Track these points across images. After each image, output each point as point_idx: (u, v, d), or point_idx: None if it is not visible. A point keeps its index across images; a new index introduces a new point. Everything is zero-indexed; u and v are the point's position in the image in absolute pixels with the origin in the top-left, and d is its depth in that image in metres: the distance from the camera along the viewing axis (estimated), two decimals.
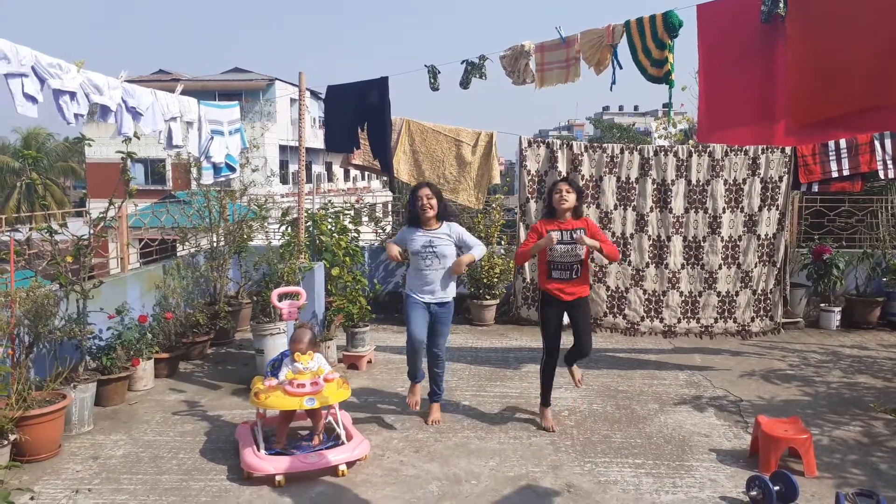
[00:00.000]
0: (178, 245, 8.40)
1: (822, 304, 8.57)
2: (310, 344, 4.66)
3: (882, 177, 7.26)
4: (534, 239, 5.03)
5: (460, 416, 5.40)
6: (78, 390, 5.00)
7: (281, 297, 5.24)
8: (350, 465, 4.40)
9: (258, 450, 4.39)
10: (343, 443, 4.51)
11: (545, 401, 5.24)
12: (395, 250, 4.98)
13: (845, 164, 7.16)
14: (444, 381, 5.36)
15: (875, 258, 8.63)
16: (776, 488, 3.84)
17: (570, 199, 4.97)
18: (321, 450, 4.43)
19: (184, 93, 6.66)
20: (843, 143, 7.11)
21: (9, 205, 36.83)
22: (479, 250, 5.10)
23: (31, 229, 6.04)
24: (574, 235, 4.88)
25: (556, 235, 4.84)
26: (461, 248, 5.11)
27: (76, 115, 5.02)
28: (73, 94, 4.97)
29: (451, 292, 5.12)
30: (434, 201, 5.00)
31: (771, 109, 4.76)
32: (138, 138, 5.77)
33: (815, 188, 7.37)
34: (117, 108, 5.55)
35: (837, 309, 8.46)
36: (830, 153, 7.13)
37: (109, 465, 4.49)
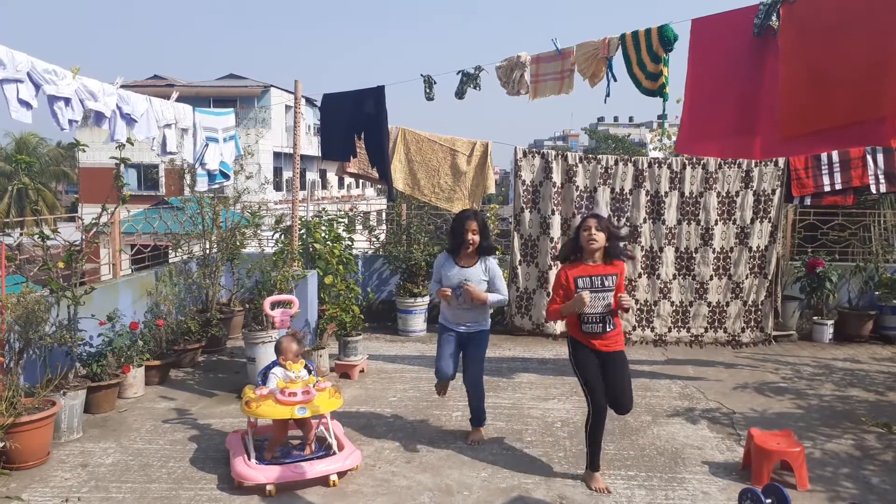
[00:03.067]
0: (170, 251, 8.36)
1: (815, 317, 8.60)
2: (297, 352, 4.64)
3: (874, 191, 7.30)
4: (560, 295, 4.34)
5: (453, 426, 5.38)
6: (68, 397, 4.96)
7: (274, 306, 5.22)
8: (341, 475, 4.37)
9: (249, 459, 4.36)
10: (334, 452, 4.48)
11: (594, 465, 4.41)
12: (447, 293, 4.85)
13: (838, 178, 7.20)
14: (483, 409, 5.16)
15: (868, 272, 8.68)
16: (768, 501, 3.82)
17: (600, 238, 4.26)
18: (312, 459, 4.41)
19: (178, 99, 6.65)
20: (835, 157, 7.16)
21: None
22: (500, 299, 4.95)
23: (21, 234, 6.01)
24: (604, 300, 4.24)
25: (587, 297, 4.14)
26: (490, 286, 4.92)
27: (70, 121, 5.00)
28: (67, 100, 4.95)
29: (485, 322, 5.03)
30: (477, 237, 4.84)
31: (752, 123, 4.78)
32: (132, 144, 5.76)
33: (808, 201, 7.41)
34: (112, 115, 5.53)
35: (830, 322, 8.49)
36: (823, 167, 7.18)
37: (98, 474, 4.45)
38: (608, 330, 4.29)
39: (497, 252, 9.11)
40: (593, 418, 4.31)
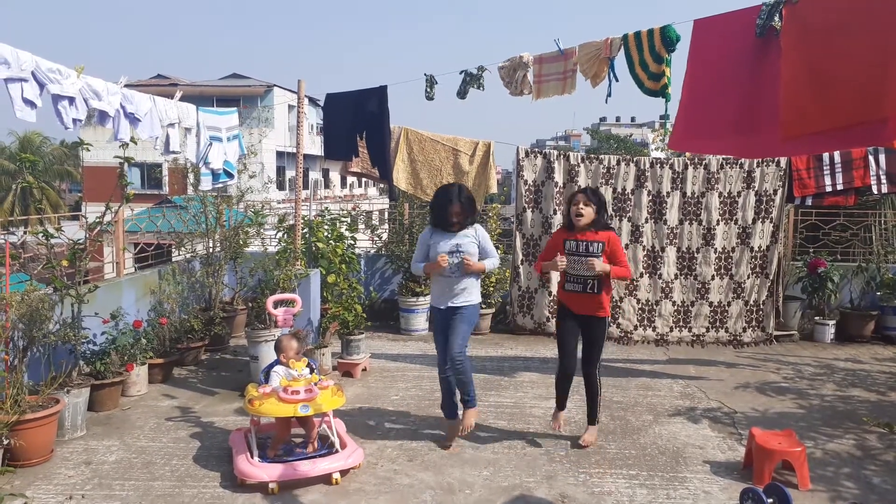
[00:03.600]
0: (173, 250, 8.39)
1: (816, 318, 8.60)
2: (298, 350, 4.66)
3: (875, 192, 7.31)
4: (551, 250, 4.93)
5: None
6: (71, 395, 4.98)
7: (276, 304, 5.24)
8: (344, 473, 4.39)
9: (252, 457, 4.38)
10: (337, 451, 4.50)
11: (560, 405, 5.11)
12: (444, 259, 4.79)
13: (839, 178, 7.21)
14: (472, 391, 5.00)
15: (869, 272, 8.68)
16: (769, 501, 3.84)
17: (587, 212, 4.74)
18: (315, 457, 4.42)
19: (182, 98, 6.68)
20: (837, 157, 7.16)
21: (2, 207, 36.70)
22: (494, 262, 5.03)
23: (25, 232, 6.04)
24: (585, 264, 4.70)
25: (559, 259, 4.70)
26: (481, 251, 4.99)
27: (74, 121, 5.02)
28: (72, 100, 4.98)
29: (475, 296, 4.98)
30: (462, 216, 4.88)
31: (753, 122, 4.78)
32: (136, 143, 5.78)
33: (809, 202, 7.41)
34: (115, 114, 5.56)
35: (832, 322, 8.49)
36: (825, 167, 7.18)
37: (102, 471, 4.48)
38: (587, 291, 4.75)
39: (499, 251, 9.18)
40: (558, 374, 5.01)
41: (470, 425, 5.01)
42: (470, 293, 4.95)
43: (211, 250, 8.00)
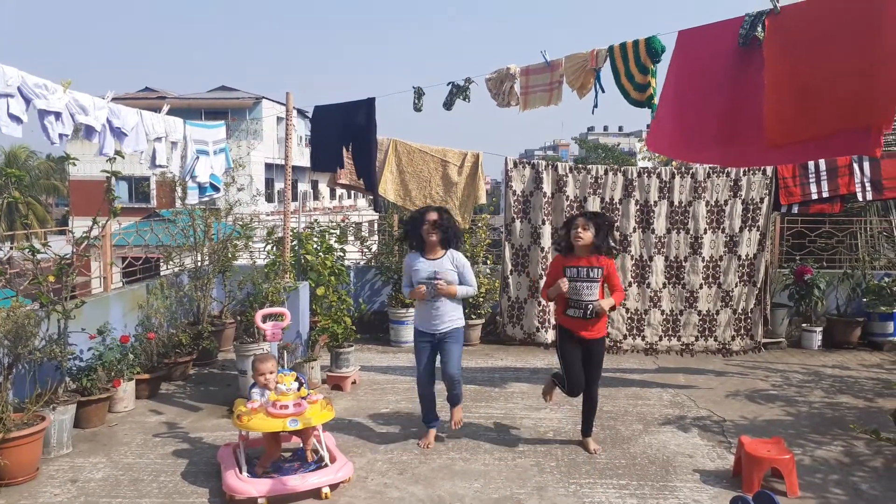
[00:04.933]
0: (161, 264, 8.35)
1: (803, 325, 8.65)
2: (272, 371, 4.61)
3: (860, 199, 7.38)
4: (552, 276, 4.99)
5: (445, 437, 5.38)
6: (57, 412, 4.93)
7: (265, 318, 5.22)
8: (333, 487, 4.37)
9: (241, 472, 4.34)
10: (326, 465, 4.47)
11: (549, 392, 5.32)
12: (422, 290, 4.92)
13: (825, 186, 7.28)
14: (461, 394, 5.25)
15: (855, 279, 8.75)
16: None
17: (586, 236, 4.81)
18: (304, 472, 4.40)
19: (170, 111, 6.66)
20: (822, 165, 7.23)
21: None
22: (469, 290, 5.13)
23: (11, 248, 5.99)
24: (586, 289, 4.78)
25: (564, 284, 4.74)
26: (460, 279, 5.10)
27: (61, 136, 4.99)
28: (58, 115, 4.95)
29: (459, 320, 5.11)
30: (437, 232, 4.98)
31: (737, 132, 4.83)
32: (123, 157, 5.76)
33: (795, 209, 7.48)
34: (102, 129, 5.53)
35: (819, 329, 8.55)
36: (811, 175, 7.25)
37: (88, 489, 4.43)
38: (588, 317, 4.82)
39: (489, 262, 9.20)
40: (568, 392, 5.04)
41: (460, 420, 5.23)
42: (454, 318, 5.08)
43: (199, 264, 7.96)
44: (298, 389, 4.52)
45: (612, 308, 4.92)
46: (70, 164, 5.74)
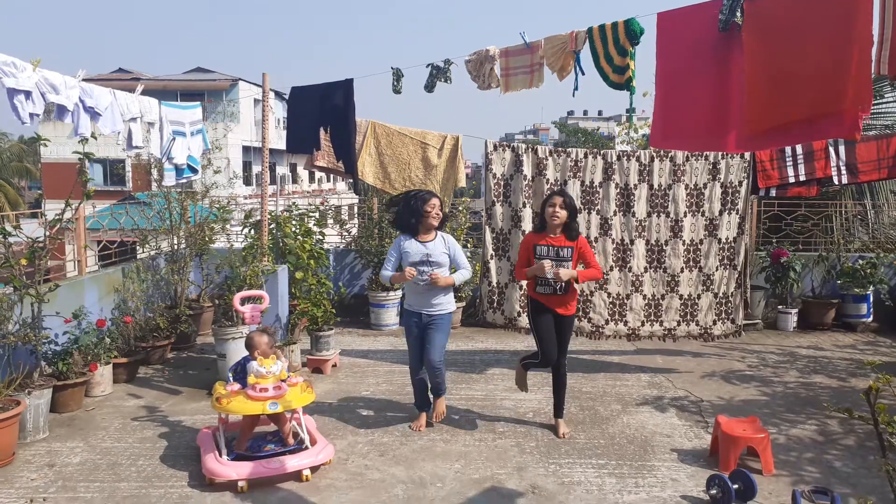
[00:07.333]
0: (137, 247, 8.23)
1: (779, 306, 8.78)
2: (270, 344, 4.61)
3: (836, 182, 7.47)
4: (524, 256, 5.05)
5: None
6: (33, 396, 4.86)
7: (243, 301, 5.17)
8: (314, 469, 4.36)
9: (220, 455, 4.32)
10: (307, 447, 4.46)
11: (524, 377, 5.40)
12: (413, 272, 4.86)
13: (801, 169, 7.35)
14: (444, 384, 5.21)
15: (830, 261, 8.88)
16: (735, 486, 3.92)
17: (562, 215, 4.90)
18: (284, 455, 4.38)
19: (144, 93, 6.54)
20: (799, 149, 7.30)
21: None
22: (465, 274, 5.13)
23: None
24: (551, 273, 4.80)
25: (547, 264, 4.79)
26: (452, 262, 5.10)
27: (31, 115, 4.89)
28: (28, 94, 4.84)
29: (449, 304, 5.07)
30: (439, 218, 5.02)
31: (724, 117, 4.86)
32: (96, 138, 5.65)
33: (773, 193, 7.55)
34: (74, 108, 5.42)
35: (794, 311, 8.68)
36: (787, 159, 7.32)
37: (66, 473, 4.38)
38: (558, 293, 4.92)
39: (469, 245, 9.19)
40: (541, 364, 5.09)
41: (442, 412, 5.21)
42: (445, 301, 5.05)
43: (176, 247, 7.86)
44: (279, 372, 4.48)
45: (576, 280, 4.91)
46: (42, 145, 5.62)
